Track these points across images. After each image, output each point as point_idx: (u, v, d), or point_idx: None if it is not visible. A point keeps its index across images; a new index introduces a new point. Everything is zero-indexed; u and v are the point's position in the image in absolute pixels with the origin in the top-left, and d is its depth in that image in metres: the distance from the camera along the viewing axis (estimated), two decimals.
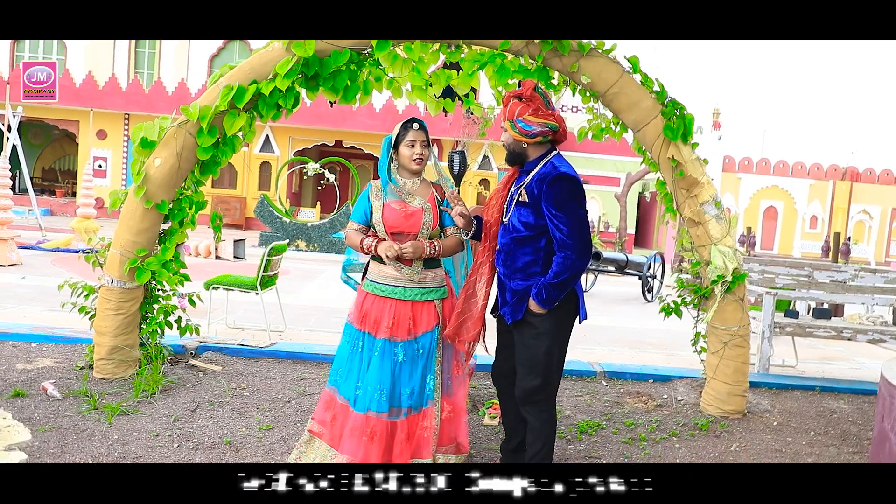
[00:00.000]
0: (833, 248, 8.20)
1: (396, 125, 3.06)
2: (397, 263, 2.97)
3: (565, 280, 2.72)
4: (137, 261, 4.07)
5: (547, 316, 2.80)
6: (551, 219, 2.74)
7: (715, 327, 4.36)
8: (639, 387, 4.95)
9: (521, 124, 2.80)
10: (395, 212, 2.98)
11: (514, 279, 2.88)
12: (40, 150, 23.72)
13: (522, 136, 2.81)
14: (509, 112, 2.82)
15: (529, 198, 2.81)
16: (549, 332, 2.81)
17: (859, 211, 23.70)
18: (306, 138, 20.72)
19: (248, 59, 4.02)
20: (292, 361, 5.02)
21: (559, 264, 2.72)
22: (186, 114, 3.95)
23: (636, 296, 10.92)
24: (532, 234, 2.82)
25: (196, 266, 10.79)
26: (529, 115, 2.78)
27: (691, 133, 4.09)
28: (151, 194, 4.03)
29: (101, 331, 4.19)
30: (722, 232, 4.21)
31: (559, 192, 2.72)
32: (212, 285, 5.75)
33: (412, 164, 3.01)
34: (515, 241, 2.86)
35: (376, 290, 3.02)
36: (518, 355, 2.90)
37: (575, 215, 2.72)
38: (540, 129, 2.80)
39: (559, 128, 2.82)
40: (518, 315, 2.85)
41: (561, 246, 2.73)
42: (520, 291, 2.85)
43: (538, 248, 2.82)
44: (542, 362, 2.82)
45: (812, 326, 5.66)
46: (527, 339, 2.85)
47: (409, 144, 2.99)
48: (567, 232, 2.71)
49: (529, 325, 2.84)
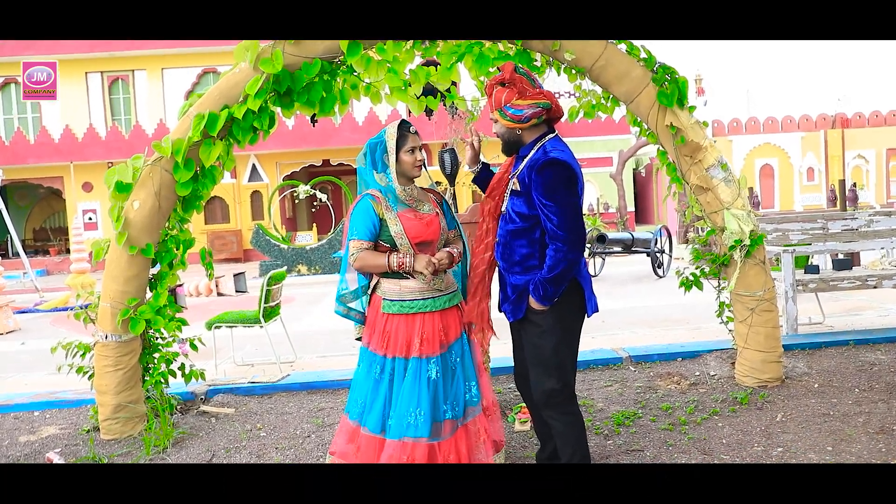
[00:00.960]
0: (840, 196, 7.99)
1: (387, 129, 2.84)
2: (432, 276, 2.78)
3: (559, 274, 2.52)
4: (129, 311, 3.87)
5: (549, 312, 2.61)
6: (542, 208, 2.55)
7: (739, 295, 4.15)
8: (668, 367, 4.75)
9: (511, 110, 2.61)
10: (413, 221, 2.79)
11: (513, 273, 2.69)
12: (28, 210, 23.57)
13: (515, 123, 2.62)
14: (496, 101, 2.63)
15: (522, 186, 2.63)
16: (553, 329, 2.62)
17: (854, 157, 23.49)
18: (293, 162, 20.56)
19: (215, 85, 3.83)
20: (307, 392, 4.81)
21: (551, 257, 2.53)
22: (159, 150, 3.76)
23: (647, 273, 10.72)
24: (526, 225, 2.63)
25: (198, 306, 10.60)
26: (517, 99, 2.59)
27: (686, 96, 3.89)
28: (134, 239, 3.83)
29: (102, 390, 3.99)
30: (732, 195, 4.01)
31: (549, 179, 2.52)
32: (214, 325, 5.55)
33: (415, 170, 2.84)
34: (511, 232, 2.68)
35: (404, 309, 2.79)
36: (528, 356, 2.72)
37: (565, 204, 2.52)
38: (532, 112, 2.61)
39: (552, 105, 2.63)
40: (520, 313, 2.67)
41: (552, 237, 2.54)
42: (519, 287, 2.66)
43: (534, 240, 2.63)
44: (552, 362, 2.63)
45: (835, 279, 5.46)
46: (533, 339, 2.67)
47: (410, 150, 2.81)
48: (557, 222, 2.51)
49: (533, 324, 2.65)
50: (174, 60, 20.50)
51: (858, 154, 23.33)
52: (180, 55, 20.39)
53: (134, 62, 20.66)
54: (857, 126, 23.42)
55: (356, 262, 2.78)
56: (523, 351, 2.79)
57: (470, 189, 20.92)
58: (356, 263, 2.79)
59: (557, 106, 2.65)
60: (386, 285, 2.84)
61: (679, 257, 12.56)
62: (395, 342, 2.79)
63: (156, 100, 20.77)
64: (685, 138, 3.90)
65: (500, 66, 2.63)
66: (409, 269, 2.74)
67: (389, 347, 2.80)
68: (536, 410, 2.83)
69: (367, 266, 2.78)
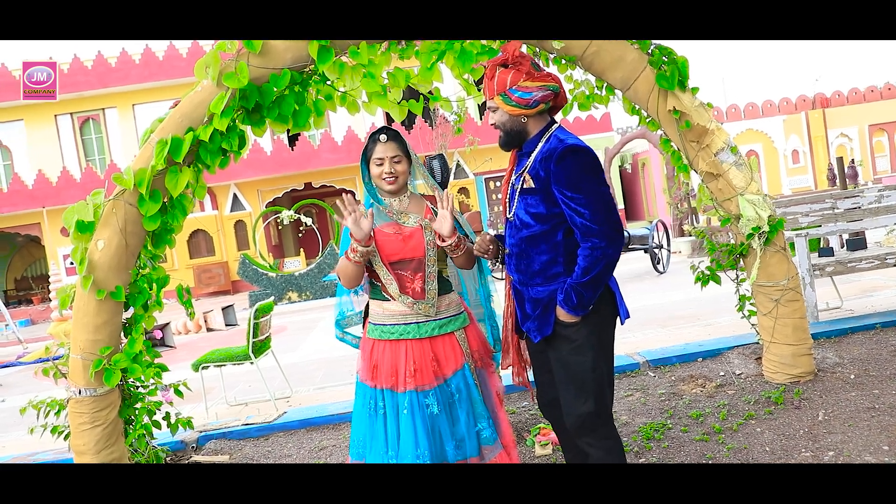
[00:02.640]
0: (840, 174, 7.77)
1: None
2: (406, 298, 2.45)
3: (597, 275, 2.19)
4: (103, 362, 3.52)
5: (583, 323, 2.27)
6: (568, 203, 2.21)
7: (761, 286, 3.86)
8: (690, 369, 4.44)
9: (518, 93, 2.27)
10: (388, 237, 2.48)
11: (533, 286, 2.35)
12: (8, 260, 23.03)
13: (522, 108, 2.28)
14: (499, 83, 2.29)
15: (536, 182, 2.29)
16: (588, 342, 2.28)
17: (838, 135, 23.45)
18: (275, 188, 20.21)
19: (177, 107, 3.51)
20: (306, 430, 4.47)
21: (587, 257, 2.19)
22: (120, 182, 3.42)
23: (646, 270, 10.45)
24: (546, 227, 2.29)
25: (187, 343, 10.21)
26: (525, 80, 2.26)
27: (688, 77, 3.61)
28: (101, 282, 3.49)
29: (80, 450, 3.62)
30: (745, 179, 3.73)
31: (572, 168, 2.20)
32: (201, 365, 5.20)
33: (383, 183, 2.51)
34: (526, 239, 2.33)
35: (385, 335, 2.48)
36: (559, 378, 2.35)
37: (596, 193, 2.20)
38: (542, 94, 2.28)
39: (560, 89, 2.32)
40: (547, 329, 2.31)
41: (585, 234, 2.20)
42: (543, 300, 2.31)
43: (556, 244, 2.29)
44: (590, 381, 2.28)
45: (853, 260, 5.19)
46: (565, 357, 2.31)
47: (376, 163, 2.51)
48: (590, 216, 2.18)
49: (564, 339, 2.30)
50: (144, 95, 20.14)
51: (841, 133, 23.30)
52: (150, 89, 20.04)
53: (103, 100, 20.27)
54: (838, 105, 23.40)
55: (339, 278, 2.52)
56: (548, 373, 2.45)
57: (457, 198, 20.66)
58: (340, 280, 2.52)
59: (564, 93, 2.35)
60: (372, 307, 2.55)
61: (677, 251, 12.30)
62: (381, 371, 2.48)
63: (129, 137, 20.39)
64: (690, 122, 3.62)
65: (502, 46, 2.31)
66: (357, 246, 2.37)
67: (377, 377, 2.48)
68: (569, 438, 2.48)
69: (342, 276, 2.49)
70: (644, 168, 23.15)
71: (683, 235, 12.66)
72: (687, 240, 12.17)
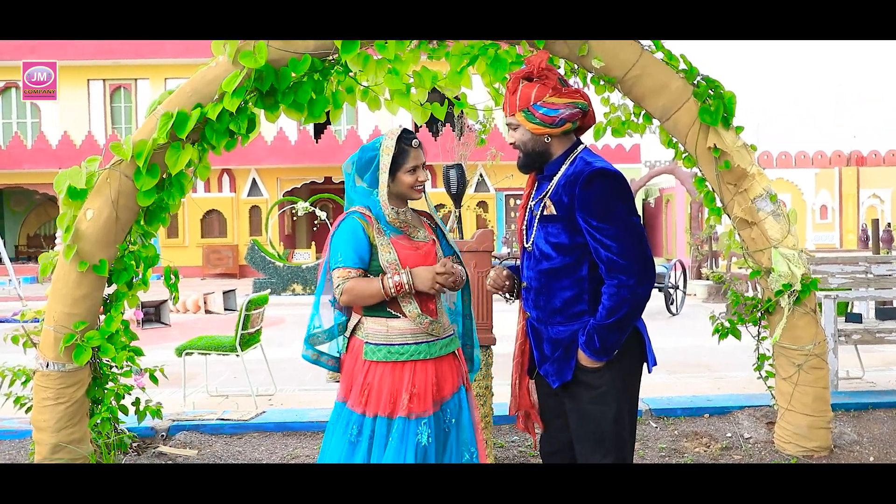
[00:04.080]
0: (873, 237, 7.45)
1: (383, 139, 2.28)
2: (425, 318, 2.21)
3: (624, 317, 1.95)
4: (75, 337, 3.32)
5: (606, 368, 2.02)
6: (593, 233, 1.97)
7: (784, 347, 3.59)
8: (695, 425, 4.16)
9: (543, 110, 2.02)
10: (408, 250, 2.24)
11: (553, 325, 2.10)
12: (24, 216, 23.09)
13: (546, 126, 2.04)
14: (522, 98, 2.04)
15: (558, 208, 2.05)
16: (612, 389, 2.03)
17: (869, 196, 22.95)
18: (294, 178, 20.10)
19: (188, 80, 3.33)
20: (282, 434, 4.23)
21: (612, 296, 1.96)
22: (118, 152, 3.24)
23: (659, 310, 10.13)
24: (569, 259, 2.05)
25: (184, 323, 10.04)
26: (550, 96, 2.02)
27: (733, 114, 3.37)
28: (85, 254, 3.29)
29: (39, 426, 3.42)
30: (782, 232, 3.47)
31: (600, 194, 1.97)
32: (185, 351, 4.99)
33: (414, 192, 2.28)
34: (548, 273, 2.09)
35: (392, 356, 2.22)
36: (576, 428, 2.10)
37: (625, 223, 1.96)
38: (569, 112, 2.04)
39: (589, 107, 2.08)
40: (567, 374, 2.06)
41: (611, 269, 1.96)
42: (564, 341, 2.07)
43: (580, 279, 2.05)
44: (611, 434, 2.03)
45: (882, 331, 4.89)
46: (585, 406, 2.06)
47: (410, 170, 2.25)
48: (618, 248, 1.94)
49: (585, 386, 2.05)
50: (178, 70, 20.13)
51: (874, 193, 22.81)
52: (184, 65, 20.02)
53: (137, 71, 20.30)
54: (874, 164, 22.94)
55: (343, 295, 2.20)
56: (558, 418, 2.19)
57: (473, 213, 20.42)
58: (343, 297, 2.20)
59: (593, 112, 2.11)
60: (370, 326, 2.27)
61: (692, 293, 11.98)
62: (377, 397, 2.22)
63: None
64: (730, 163, 3.37)
65: (526, 59, 2.07)
66: (409, 289, 2.16)
67: (370, 404, 2.23)
68: None
69: (356, 297, 2.20)
70: (668, 204, 22.81)
71: (701, 278, 12.33)
72: (704, 283, 11.84)
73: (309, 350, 2.34)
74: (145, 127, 3.31)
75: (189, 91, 3.27)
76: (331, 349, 2.36)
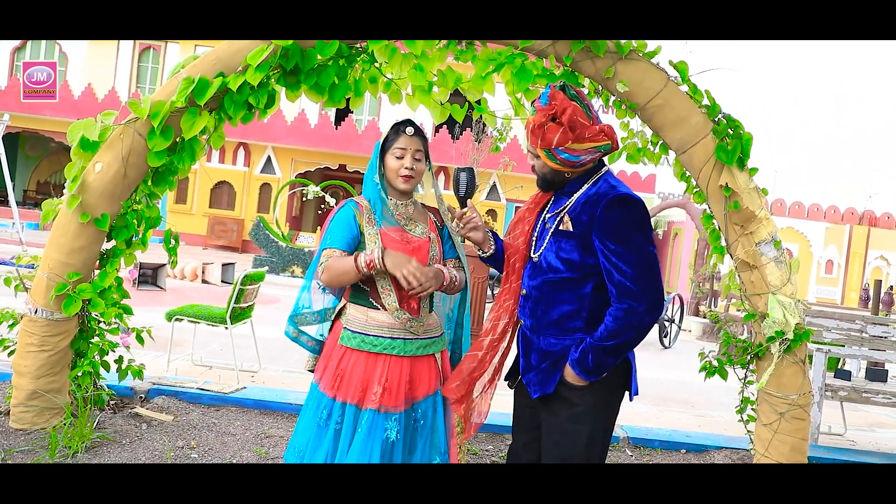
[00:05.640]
0: (874, 298, 7.43)
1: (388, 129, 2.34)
2: (402, 314, 2.22)
3: (625, 342, 1.96)
4: (67, 286, 3.33)
5: (590, 389, 2.02)
6: (609, 256, 1.98)
7: (769, 394, 3.57)
8: (670, 458, 4.15)
9: (565, 155, 2.04)
10: (396, 244, 2.25)
11: (546, 336, 2.10)
12: (37, 162, 23.21)
13: (566, 167, 2.08)
14: (544, 140, 2.04)
15: (575, 226, 2.05)
16: (591, 411, 2.03)
17: (876, 257, 22.88)
18: (309, 160, 20.13)
19: (214, 49, 3.34)
20: (259, 412, 4.24)
21: (618, 319, 1.95)
22: (135, 110, 3.25)
23: (652, 341, 10.11)
24: (575, 276, 2.05)
25: (179, 290, 10.06)
26: (573, 143, 2.03)
27: (748, 156, 3.36)
28: (89, 206, 3.30)
29: (20, 371, 3.43)
30: (782, 279, 3.45)
31: (620, 219, 1.97)
32: (174, 316, 5.00)
33: (398, 180, 2.27)
34: (550, 284, 2.09)
35: (365, 346, 2.23)
36: (547, 443, 2.10)
37: (642, 251, 1.97)
38: (590, 157, 2.06)
39: (612, 146, 2.08)
40: (549, 388, 2.06)
41: (622, 294, 1.96)
42: (553, 354, 2.07)
43: (582, 296, 2.05)
44: (579, 456, 2.02)
45: (869, 391, 4.87)
46: (560, 423, 2.06)
47: (396, 154, 2.26)
48: (632, 275, 1.94)
49: (564, 402, 2.05)
50: None
51: (881, 255, 22.75)
52: None
53: None
54: (885, 227, 22.88)
55: (324, 273, 2.21)
56: (534, 433, 2.18)
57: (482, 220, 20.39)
58: (323, 276, 2.22)
59: (616, 143, 2.11)
60: (351, 312, 2.29)
61: (687, 329, 11.96)
62: (348, 384, 2.23)
63: None
64: (739, 204, 3.36)
65: (548, 93, 2.05)
66: (379, 265, 2.15)
67: (340, 389, 2.24)
68: None
69: (333, 275, 2.20)
70: (676, 238, 22.77)
71: (698, 315, 12.31)
72: (700, 321, 11.82)
73: (291, 327, 2.35)
74: (165, 88, 3.32)
75: (213, 59, 3.28)
76: (314, 331, 2.37)
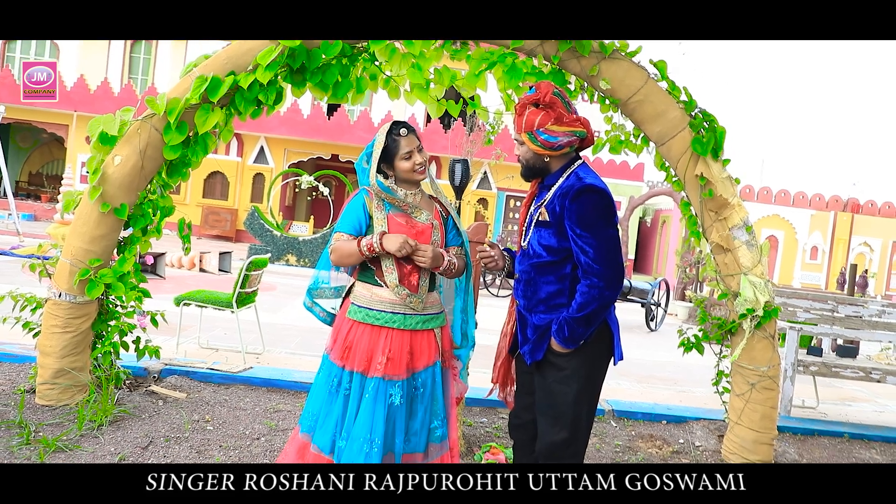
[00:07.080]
0: (850, 281, 7.76)
1: (377, 136, 2.56)
2: (402, 290, 2.50)
3: (591, 313, 2.25)
4: (90, 272, 3.57)
5: (574, 354, 2.33)
6: (576, 240, 2.29)
7: (741, 367, 3.87)
8: (651, 429, 4.45)
9: (544, 136, 2.34)
10: (402, 227, 2.52)
11: (536, 312, 2.42)
12: (28, 153, 23.19)
13: (546, 149, 2.36)
14: (527, 122, 2.36)
15: (551, 217, 2.36)
16: (576, 373, 2.34)
17: (860, 243, 23.34)
18: (302, 151, 20.29)
19: (225, 48, 3.56)
20: (267, 389, 4.50)
21: (584, 294, 2.26)
22: (152, 106, 3.48)
23: (639, 324, 10.45)
24: (555, 259, 2.37)
25: (177, 279, 10.27)
26: (552, 124, 2.33)
27: (722, 147, 3.64)
28: (109, 196, 3.54)
29: (45, 351, 3.68)
30: (753, 260, 3.74)
31: (585, 207, 2.27)
32: (183, 301, 5.24)
33: (415, 175, 2.55)
34: (536, 267, 2.41)
35: (368, 319, 2.51)
36: (540, 403, 2.42)
37: (603, 235, 2.27)
38: (567, 140, 2.35)
39: (587, 134, 2.38)
40: (539, 354, 2.38)
41: (586, 272, 2.27)
42: (542, 327, 2.39)
43: (563, 276, 2.36)
44: (569, 412, 2.34)
45: (838, 366, 5.19)
46: (550, 384, 2.37)
47: (405, 157, 2.53)
48: (594, 255, 2.25)
49: (553, 367, 2.36)
50: None
51: (864, 241, 23.20)
52: None
53: None
54: (868, 213, 23.31)
55: (332, 254, 2.54)
56: (529, 395, 2.50)
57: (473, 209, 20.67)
58: (333, 256, 2.54)
59: (591, 136, 2.41)
60: (358, 289, 2.58)
61: (673, 313, 12.30)
62: (355, 354, 2.51)
63: (176, 66, 20.53)
64: (713, 192, 3.64)
65: (534, 84, 2.37)
66: (377, 248, 2.45)
67: (349, 359, 2.52)
68: (529, 461, 2.53)
69: (340, 256, 2.52)
70: (664, 225, 23.13)
71: (684, 300, 12.64)
72: (686, 305, 12.16)
73: (308, 299, 2.67)
74: (179, 86, 3.54)
75: (224, 59, 3.51)
76: (324, 304, 2.66)
